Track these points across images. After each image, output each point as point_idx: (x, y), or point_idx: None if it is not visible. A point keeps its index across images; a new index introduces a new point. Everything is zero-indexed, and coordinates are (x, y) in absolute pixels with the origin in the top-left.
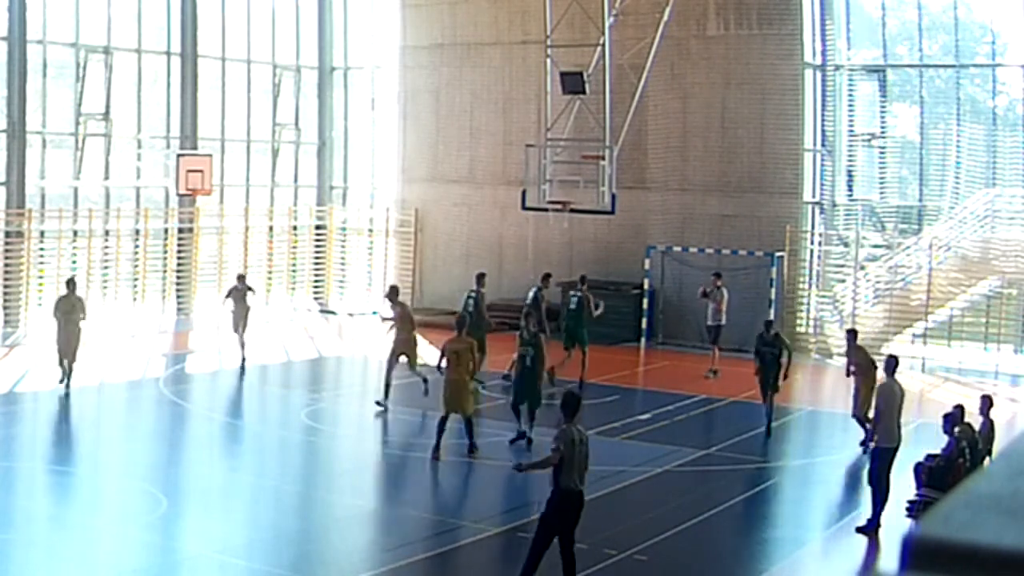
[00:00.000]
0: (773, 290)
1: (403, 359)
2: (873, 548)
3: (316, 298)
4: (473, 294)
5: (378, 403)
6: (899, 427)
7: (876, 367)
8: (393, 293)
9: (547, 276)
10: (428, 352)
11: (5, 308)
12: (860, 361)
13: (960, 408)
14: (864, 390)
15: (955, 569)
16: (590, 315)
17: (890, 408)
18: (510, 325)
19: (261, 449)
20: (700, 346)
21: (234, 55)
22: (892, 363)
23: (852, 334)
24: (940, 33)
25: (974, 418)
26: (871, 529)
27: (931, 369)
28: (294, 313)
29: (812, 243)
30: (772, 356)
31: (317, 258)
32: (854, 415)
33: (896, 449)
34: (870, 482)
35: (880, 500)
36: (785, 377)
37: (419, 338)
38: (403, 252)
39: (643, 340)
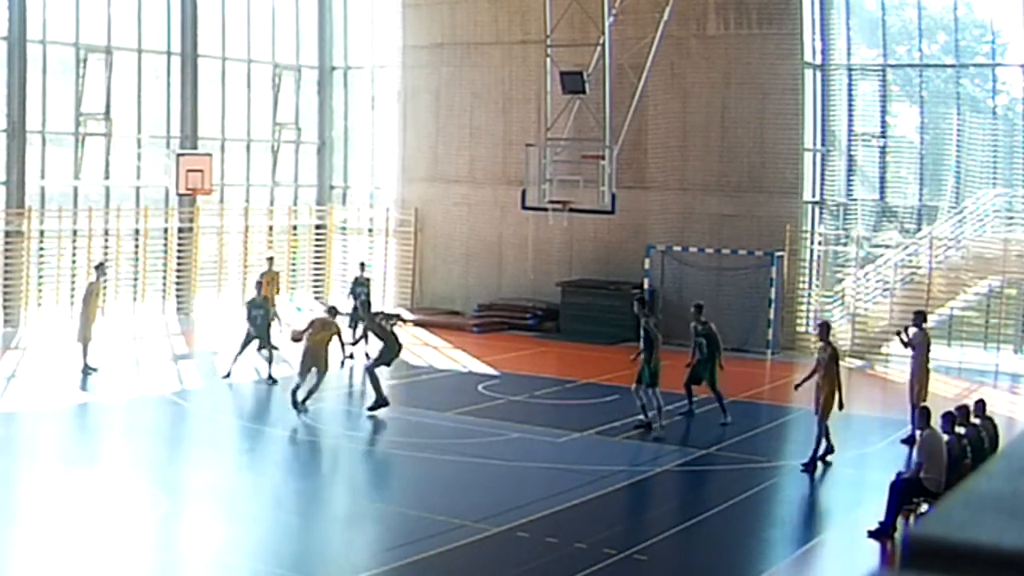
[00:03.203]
0: (773, 290)
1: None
2: (883, 551)
3: (316, 297)
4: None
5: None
6: (945, 481)
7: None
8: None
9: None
10: None
11: (5, 308)
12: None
13: (963, 408)
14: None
15: (955, 569)
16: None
17: (937, 462)
18: (510, 324)
19: (261, 449)
20: None
21: (234, 55)
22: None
23: (921, 316)
24: (940, 33)
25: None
26: (884, 533)
27: (931, 368)
28: (297, 313)
29: (812, 243)
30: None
31: (317, 258)
32: (913, 402)
33: (935, 494)
34: (891, 490)
35: (895, 508)
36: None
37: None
38: (403, 252)
39: None
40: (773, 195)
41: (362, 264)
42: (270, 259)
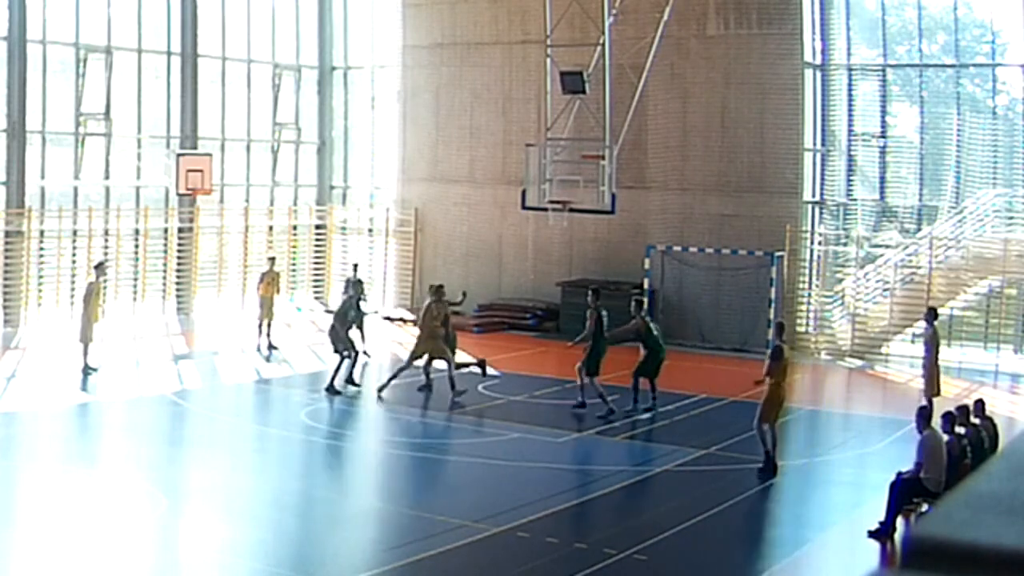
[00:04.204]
0: (773, 290)
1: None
2: (883, 551)
3: (316, 298)
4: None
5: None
6: (945, 481)
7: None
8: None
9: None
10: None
11: (5, 308)
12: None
13: (963, 408)
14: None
15: (955, 569)
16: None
17: (937, 461)
18: (510, 324)
19: (261, 449)
20: (700, 346)
21: (234, 55)
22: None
23: (932, 312)
24: (940, 33)
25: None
26: (884, 533)
27: (940, 365)
28: (296, 313)
29: (812, 243)
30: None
31: (317, 258)
32: (927, 395)
33: (935, 494)
34: (891, 490)
35: (895, 508)
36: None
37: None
38: (403, 252)
39: None
40: (773, 195)
41: (355, 266)
42: (271, 259)
